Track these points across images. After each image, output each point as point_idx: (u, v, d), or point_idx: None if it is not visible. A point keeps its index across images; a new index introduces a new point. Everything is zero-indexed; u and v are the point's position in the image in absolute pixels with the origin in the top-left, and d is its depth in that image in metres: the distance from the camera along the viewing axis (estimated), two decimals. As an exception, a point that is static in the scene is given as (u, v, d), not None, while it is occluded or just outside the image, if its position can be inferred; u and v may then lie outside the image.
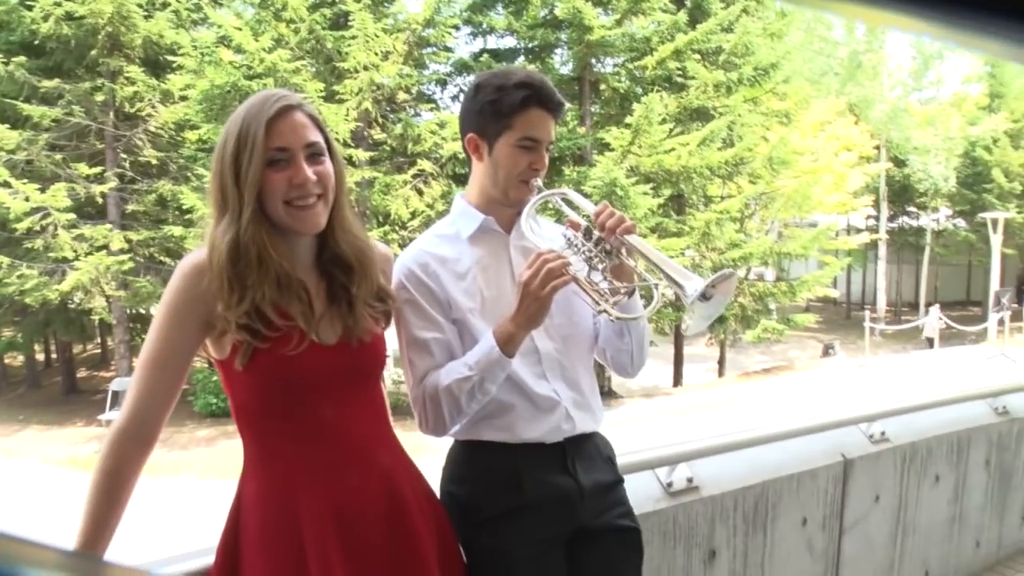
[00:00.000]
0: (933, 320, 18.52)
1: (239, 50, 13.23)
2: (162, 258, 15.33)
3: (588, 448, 1.67)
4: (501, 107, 1.61)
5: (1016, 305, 18.37)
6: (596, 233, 1.55)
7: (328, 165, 1.40)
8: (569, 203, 1.68)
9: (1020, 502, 3.93)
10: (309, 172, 1.36)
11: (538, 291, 1.47)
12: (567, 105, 2.08)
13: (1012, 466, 3.83)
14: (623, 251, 1.54)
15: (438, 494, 1.60)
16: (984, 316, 20.47)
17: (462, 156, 12.05)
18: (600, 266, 1.54)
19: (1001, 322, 16.81)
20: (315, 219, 1.38)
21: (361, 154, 13.75)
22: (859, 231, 23.88)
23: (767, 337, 16.61)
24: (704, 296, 1.42)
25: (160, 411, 1.33)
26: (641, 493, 2.20)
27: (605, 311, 1.52)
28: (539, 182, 1.64)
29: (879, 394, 10.53)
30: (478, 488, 1.62)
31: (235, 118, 1.35)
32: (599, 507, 1.64)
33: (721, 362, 17.57)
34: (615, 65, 15.94)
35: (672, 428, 11.44)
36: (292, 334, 1.33)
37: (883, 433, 3.16)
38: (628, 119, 14.17)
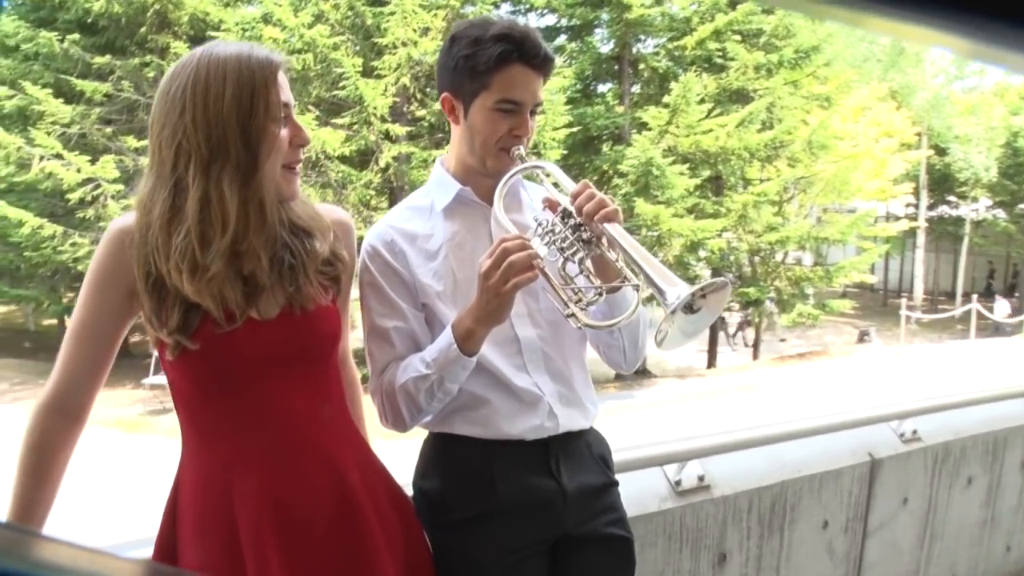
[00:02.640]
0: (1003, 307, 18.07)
1: (281, 27, 13.15)
2: None
3: (576, 447, 1.47)
4: (477, 63, 1.40)
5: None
6: (575, 218, 1.34)
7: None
8: (552, 179, 1.46)
9: (1057, 505, 3.66)
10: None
11: (498, 286, 1.27)
12: (556, 60, 1.90)
13: (1051, 468, 3.56)
14: (603, 242, 1.33)
15: (411, 490, 1.46)
16: (1023, 308, 19.79)
17: None
18: (576, 257, 1.33)
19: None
20: (298, 184, 1.30)
21: (399, 129, 13.66)
22: (898, 219, 23.19)
23: (802, 322, 16.22)
24: (689, 307, 1.21)
25: (87, 384, 1.23)
26: (647, 492, 2.00)
27: (573, 315, 1.29)
28: (522, 151, 1.43)
29: (913, 386, 10.22)
30: (449, 486, 1.44)
31: (220, 64, 1.18)
32: (585, 513, 1.45)
33: (756, 344, 17.20)
34: (655, 45, 15.62)
35: (704, 411, 11.21)
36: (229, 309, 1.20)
37: (915, 432, 2.92)
38: (666, 99, 13.85)
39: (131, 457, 9.33)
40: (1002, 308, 19.39)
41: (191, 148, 1.16)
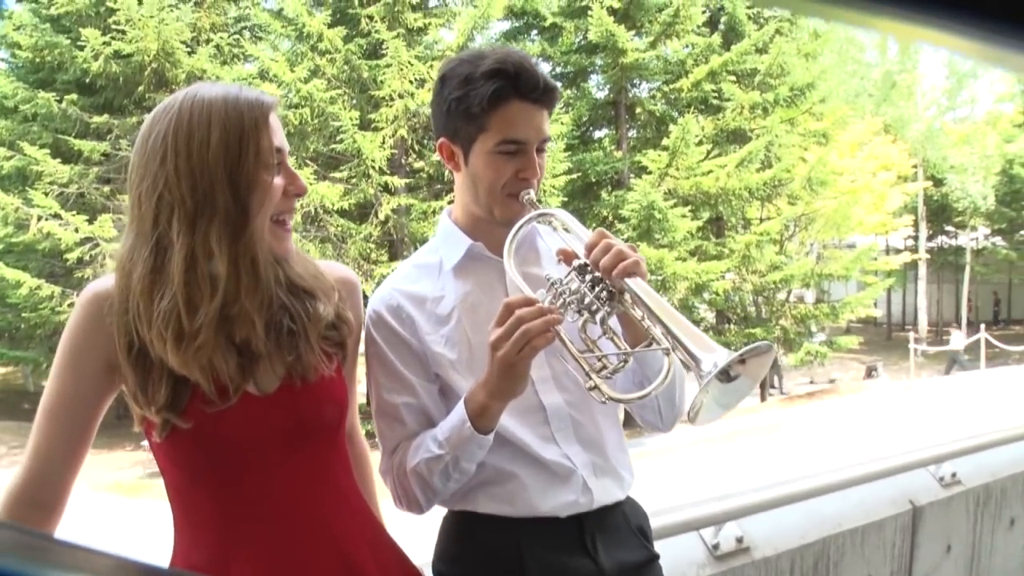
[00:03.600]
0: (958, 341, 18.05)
1: (278, 82, 13.30)
2: None
3: (612, 521, 1.33)
4: (470, 105, 1.28)
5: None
6: (589, 274, 1.20)
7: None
8: (564, 227, 1.33)
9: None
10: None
11: (510, 356, 1.14)
12: (559, 88, 1.73)
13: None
14: (627, 298, 1.19)
15: (429, 572, 1.35)
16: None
17: None
18: (598, 317, 1.18)
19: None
20: (290, 239, 1.19)
21: (397, 181, 13.72)
22: (899, 251, 23.29)
23: (810, 360, 16.11)
24: (727, 374, 1.07)
25: (63, 470, 1.10)
26: (683, 558, 1.86)
27: (596, 388, 1.15)
28: (532, 194, 1.31)
29: (934, 423, 10.05)
30: (473, 570, 1.31)
31: (205, 107, 1.08)
32: None
33: (763, 386, 17.02)
34: (650, 88, 15.82)
35: (721, 457, 11.00)
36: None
37: (954, 475, 2.80)
38: (665, 141, 13.98)
39: (132, 523, 9.07)
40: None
41: (174, 200, 1.06)
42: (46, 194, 13.24)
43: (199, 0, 14.90)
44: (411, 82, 13.39)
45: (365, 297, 1.37)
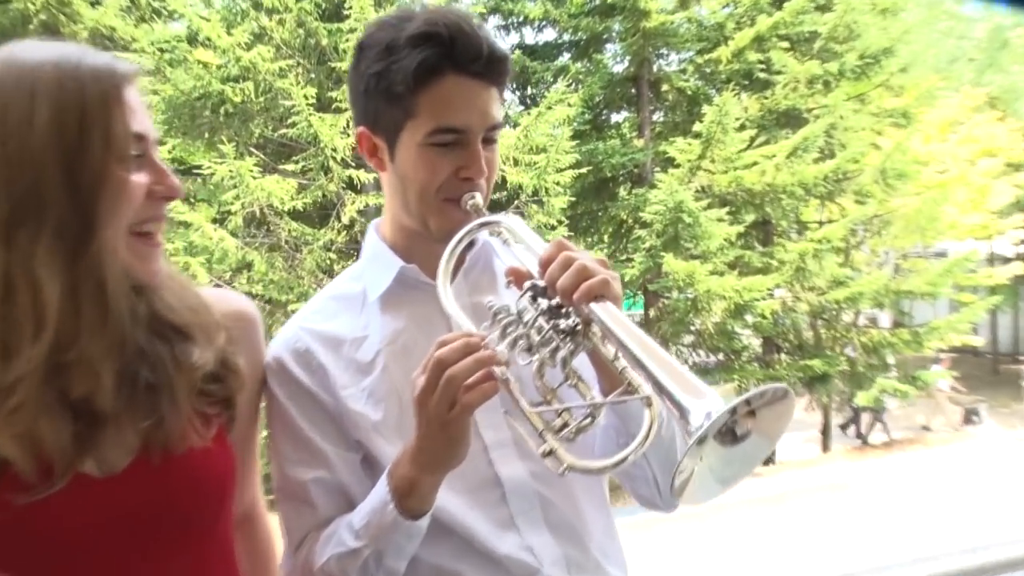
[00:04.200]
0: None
1: (212, 47, 13.13)
2: None
3: None
4: (392, 82, 1.28)
5: None
6: (546, 300, 1.17)
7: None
8: (516, 239, 1.34)
9: None
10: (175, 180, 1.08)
11: (440, 413, 1.11)
12: (511, 58, 1.61)
13: None
14: (595, 331, 1.15)
15: None
16: None
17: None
18: (558, 357, 1.14)
19: None
20: (159, 259, 1.11)
21: (365, 176, 13.80)
22: (1007, 260, 23.06)
23: (885, 401, 16.18)
24: (731, 433, 0.99)
25: None
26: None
27: (552, 454, 1.09)
28: (478, 199, 1.32)
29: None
30: None
31: (27, 75, 1.01)
32: None
33: (826, 432, 17.17)
34: (681, 60, 15.87)
35: (765, 528, 10.97)
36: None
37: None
38: (697, 127, 14.05)
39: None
40: None
41: None
42: None
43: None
44: (380, 54, 13.55)
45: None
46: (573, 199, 13.45)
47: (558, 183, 12.64)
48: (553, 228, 12.33)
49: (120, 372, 1.05)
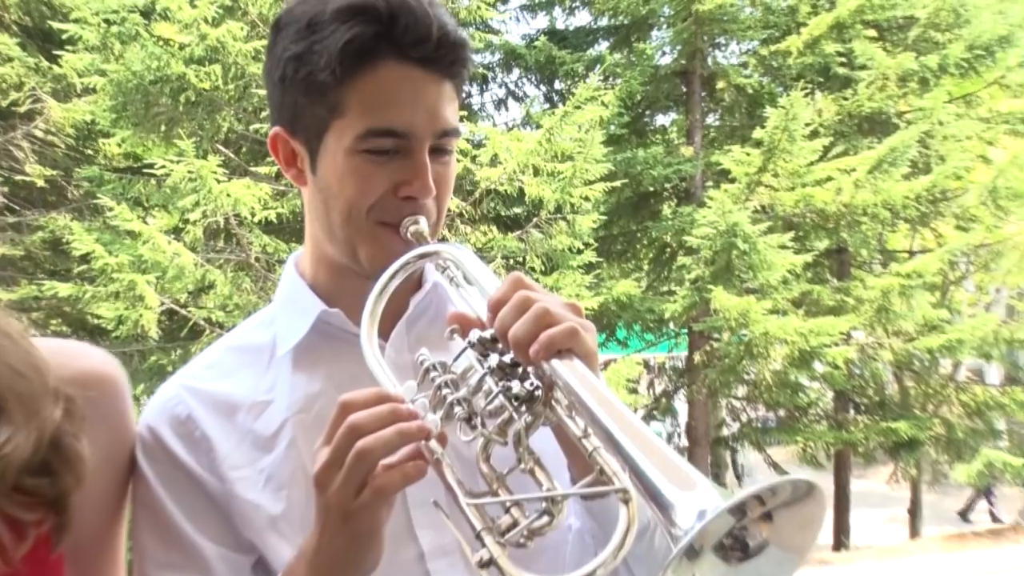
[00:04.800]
0: None
1: (173, 21, 12.87)
2: (54, 326, 15.32)
3: None
4: (314, 68, 1.30)
5: None
6: (497, 355, 1.16)
7: None
8: (464, 275, 1.35)
9: None
10: None
11: (344, 500, 1.10)
12: (469, 44, 1.48)
13: None
14: (558, 398, 1.13)
15: None
16: None
17: (504, 188, 12.21)
18: (511, 429, 1.13)
19: None
20: None
21: (354, 184, 14.14)
22: None
23: (993, 477, 16.24)
24: (739, 544, 0.94)
25: None
26: None
27: (491, 564, 1.06)
28: (421, 225, 1.35)
29: None
30: None
31: None
32: None
33: (914, 512, 17.27)
34: (742, 52, 16.01)
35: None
36: None
37: None
38: (758, 133, 14.03)
39: None
40: None
41: None
42: None
43: None
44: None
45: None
46: (605, 217, 13.38)
47: (587, 198, 12.57)
48: (579, 252, 12.38)
49: None
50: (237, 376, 1.40)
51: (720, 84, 16.02)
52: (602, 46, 16.37)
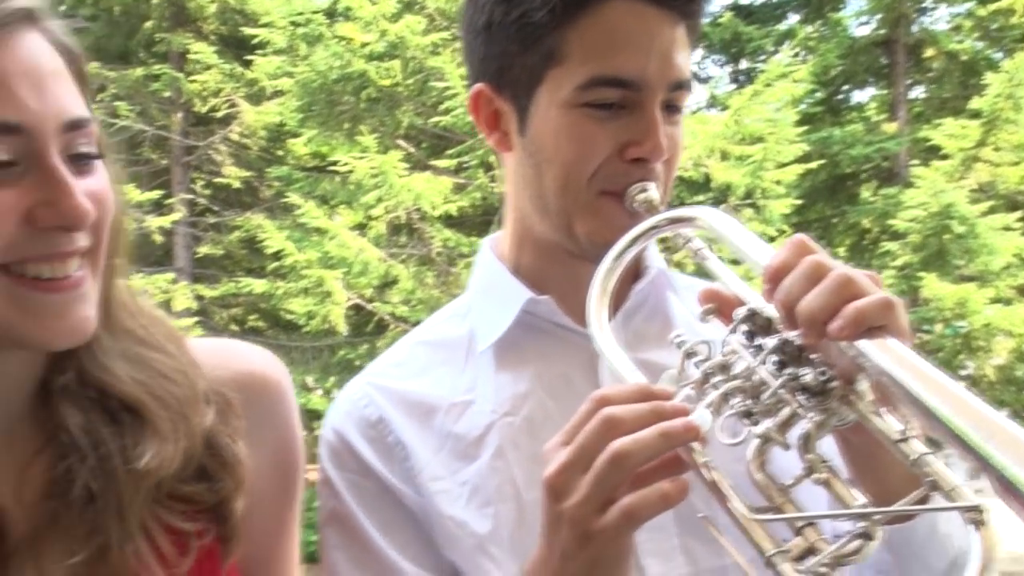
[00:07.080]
0: None
1: (354, 19, 13.46)
2: (251, 322, 16.15)
3: None
4: (529, 9, 1.16)
5: None
6: (779, 333, 0.96)
7: (104, 180, 0.98)
8: (718, 250, 1.16)
9: None
10: (78, 191, 0.91)
11: (585, 516, 0.91)
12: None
13: None
14: (862, 389, 0.92)
15: None
16: None
17: (690, 174, 12.00)
18: (797, 429, 0.93)
19: None
20: (78, 312, 0.95)
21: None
22: None
23: None
24: None
25: None
26: None
27: None
28: (651, 193, 1.17)
29: None
30: None
31: None
32: None
33: None
34: (952, 15, 15.44)
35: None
36: None
37: None
38: (975, 103, 13.48)
39: None
40: None
41: None
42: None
43: None
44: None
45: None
46: (800, 202, 13.28)
47: (779, 182, 12.37)
48: (772, 240, 12.00)
49: (55, 479, 0.96)
50: (431, 374, 1.24)
51: (928, 52, 15.60)
52: (792, 19, 16.29)
